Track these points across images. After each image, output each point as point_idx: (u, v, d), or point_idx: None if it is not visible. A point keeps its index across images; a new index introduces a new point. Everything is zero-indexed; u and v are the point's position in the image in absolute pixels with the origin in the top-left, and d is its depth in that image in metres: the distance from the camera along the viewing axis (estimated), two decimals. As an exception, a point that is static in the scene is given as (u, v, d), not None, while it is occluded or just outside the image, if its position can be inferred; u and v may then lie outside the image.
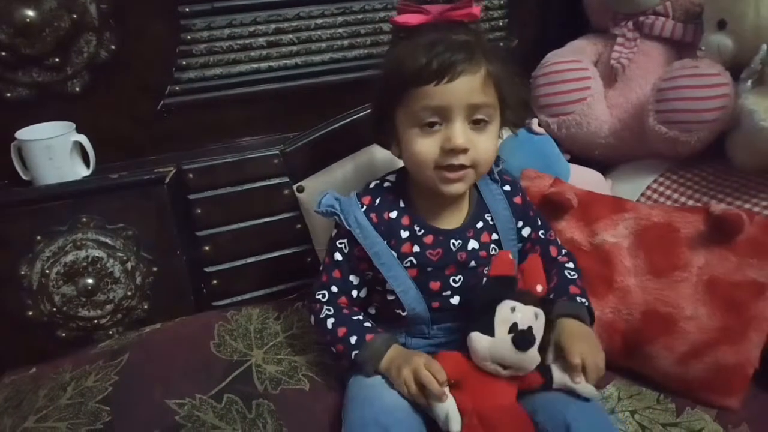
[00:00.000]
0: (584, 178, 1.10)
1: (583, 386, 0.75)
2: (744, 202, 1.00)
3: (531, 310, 0.75)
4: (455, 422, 0.72)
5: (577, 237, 0.96)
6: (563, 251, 0.93)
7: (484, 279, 0.82)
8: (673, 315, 0.89)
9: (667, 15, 1.15)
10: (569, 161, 1.12)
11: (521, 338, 0.73)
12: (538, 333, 0.75)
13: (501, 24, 1.29)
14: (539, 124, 1.11)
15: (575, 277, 0.89)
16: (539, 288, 0.78)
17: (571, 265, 0.91)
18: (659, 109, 1.06)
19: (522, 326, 0.74)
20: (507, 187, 0.90)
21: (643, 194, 1.10)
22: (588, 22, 1.29)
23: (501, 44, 1.29)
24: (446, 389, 0.74)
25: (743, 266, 0.88)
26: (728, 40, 1.03)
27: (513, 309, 0.75)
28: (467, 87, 0.77)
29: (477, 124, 0.79)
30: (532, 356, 0.74)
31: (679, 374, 0.89)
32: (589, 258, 0.95)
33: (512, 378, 0.76)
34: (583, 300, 0.86)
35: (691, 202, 1.05)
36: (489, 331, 0.74)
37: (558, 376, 0.76)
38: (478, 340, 0.75)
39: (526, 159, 1.05)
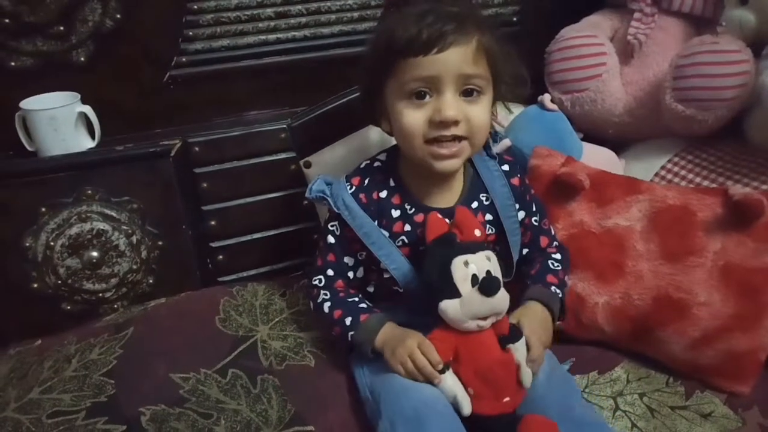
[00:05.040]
0: (597, 157, 1.07)
1: (527, 374, 0.74)
2: (761, 183, 0.97)
3: (481, 256, 0.75)
4: (465, 406, 0.73)
5: (588, 219, 0.94)
6: (555, 243, 0.92)
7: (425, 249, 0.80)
8: (686, 301, 0.87)
9: (687, -11, 1.12)
10: (582, 139, 1.10)
11: (485, 285, 0.73)
12: (497, 273, 0.76)
13: (515, -2, 1.26)
14: (552, 101, 1.09)
15: (558, 268, 0.88)
16: (477, 233, 0.78)
17: (558, 256, 0.89)
18: (676, 86, 1.03)
19: (481, 274, 0.74)
20: (506, 167, 0.89)
21: (657, 174, 1.08)
22: (605, -4, 1.26)
23: (515, 18, 1.26)
24: (445, 374, 0.74)
25: (761, 252, 0.85)
26: (751, 15, 1.00)
27: (466, 263, 0.74)
28: (458, 57, 0.75)
29: (469, 95, 0.78)
30: (502, 297, 0.74)
31: (690, 360, 0.88)
32: (599, 242, 0.93)
33: (493, 326, 0.76)
34: (558, 291, 0.85)
35: (706, 183, 1.03)
36: (454, 293, 0.74)
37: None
38: (448, 306, 0.74)
39: (537, 136, 1.03)
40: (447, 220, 0.80)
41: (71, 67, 1.02)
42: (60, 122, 0.99)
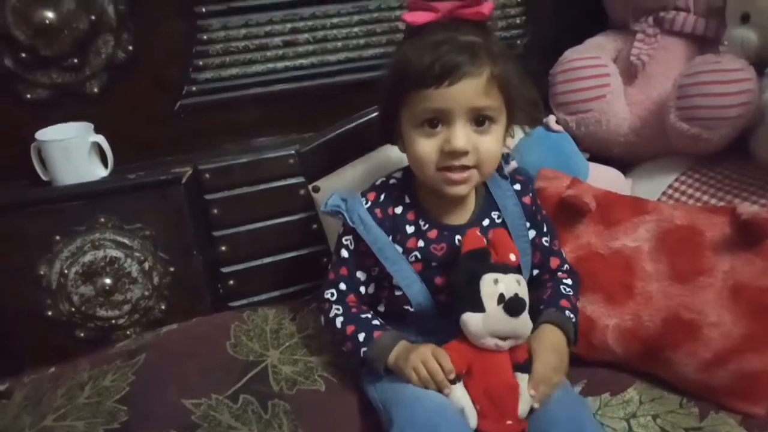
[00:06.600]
0: (603, 177, 1.08)
1: (526, 402, 0.75)
2: (769, 201, 0.97)
3: (512, 277, 0.77)
4: (471, 419, 0.74)
5: (595, 241, 0.94)
6: (565, 266, 0.92)
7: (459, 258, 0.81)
8: (697, 321, 0.86)
9: (689, 10, 1.13)
10: (588, 160, 1.11)
11: (512, 305, 0.75)
12: (525, 296, 0.77)
13: (518, 21, 1.27)
14: (557, 122, 1.10)
15: (570, 293, 0.88)
16: (512, 257, 0.79)
17: (569, 281, 0.90)
18: (680, 105, 1.03)
19: (509, 294, 0.75)
20: (517, 186, 0.90)
21: (664, 193, 1.08)
22: (607, 18, 1.27)
23: (518, 41, 1.28)
24: (455, 385, 0.75)
25: (770, 271, 0.85)
26: (752, 33, 1.01)
27: (495, 281, 0.76)
28: (469, 90, 0.76)
29: (480, 125, 0.79)
30: (525, 321, 0.76)
31: (702, 381, 0.87)
32: (607, 263, 0.92)
33: (510, 350, 0.77)
34: (571, 315, 0.85)
35: (713, 201, 1.03)
36: (479, 307, 0.75)
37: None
38: (470, 319, 0.76)
39: (543, 157, 1.04)
40: (484, 238, 0.81)
41: (85, 97, 1.04)
42: (73, 152, 1.01)
